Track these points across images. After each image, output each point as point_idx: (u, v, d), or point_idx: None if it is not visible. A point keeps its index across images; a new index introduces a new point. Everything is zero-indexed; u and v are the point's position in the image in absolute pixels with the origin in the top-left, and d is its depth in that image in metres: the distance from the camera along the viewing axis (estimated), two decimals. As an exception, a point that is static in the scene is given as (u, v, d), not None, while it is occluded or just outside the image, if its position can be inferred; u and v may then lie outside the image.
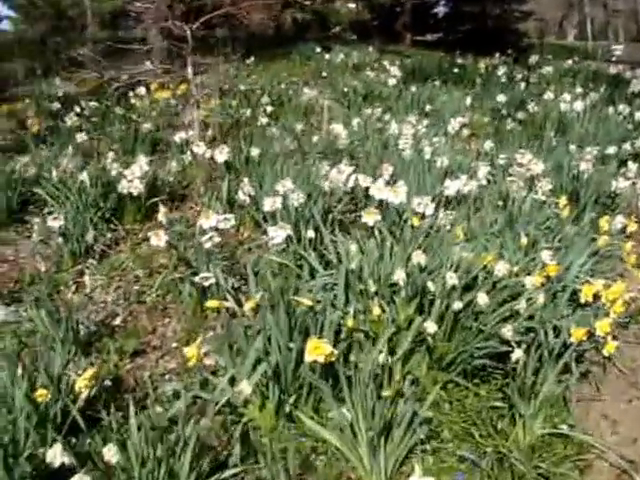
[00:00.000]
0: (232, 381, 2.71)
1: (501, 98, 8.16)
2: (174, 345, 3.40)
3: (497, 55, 12.78)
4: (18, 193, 4.98)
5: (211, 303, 2.80)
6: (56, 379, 2.61)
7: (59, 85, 8.93)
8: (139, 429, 2.30)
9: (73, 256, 4.18)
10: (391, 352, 2.82)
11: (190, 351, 2.52)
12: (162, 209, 3.69)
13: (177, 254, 3.71)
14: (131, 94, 7.76)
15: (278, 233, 3.48)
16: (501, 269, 2.98)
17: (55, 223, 3.99)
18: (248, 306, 2.66)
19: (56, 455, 2.01)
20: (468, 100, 8.12)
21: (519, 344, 2.80)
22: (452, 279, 2.83)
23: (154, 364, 3.26)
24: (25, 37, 13.26)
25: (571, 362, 2.91)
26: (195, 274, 3.42)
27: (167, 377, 3.13)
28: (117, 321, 3.62)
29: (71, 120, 6.73)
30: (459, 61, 11.46)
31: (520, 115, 7.61)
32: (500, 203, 4.52)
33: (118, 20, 13.58)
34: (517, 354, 2.74)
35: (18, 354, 3.13)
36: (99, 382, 2.85)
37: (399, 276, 2.91)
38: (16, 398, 2.42)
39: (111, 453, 2.05)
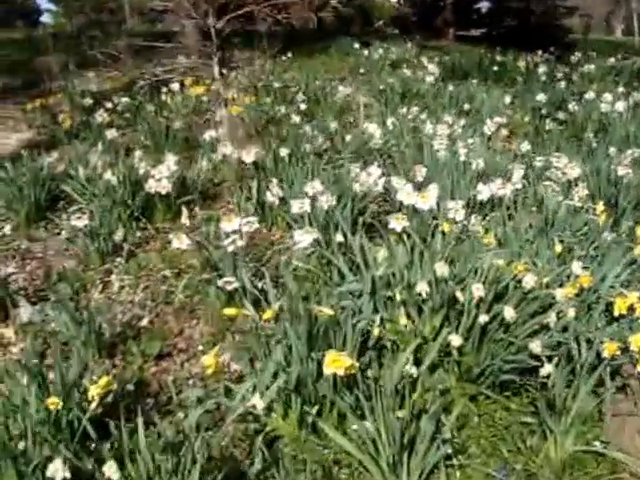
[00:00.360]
0: (253, 390, 2.66)
1: (541, 97, 7.98)
2: (200, 348, 3.36)
3: (539, 52, 12.54)
4: (47, 190, 4.97)
5: (229, 311, 2.75)
6: (70, 386, 2.57)
7: (93, 80, 8.97)
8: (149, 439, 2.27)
9: (101, 255, 4.17)
10: (417, 363, 2.74)
11: (208, 360, 2.48)
12: (185, 212, 3.65)
13: (203, 256, 3.67)
14: (164, 90, 7.75)
15: (304, 237, 3.42)
16: (530, 281, 2.88)
17: (80, 222, 3.98)
18: (266, 316, 2.61)
19: (57, 470, 1.98)
20: (507, 99, 7.96)
21: (550, 358, 2.69)
22: (479, 291, 2.74)
23: (179, 368, 3.22)
24: (62, 31, 13.40)
25: (606, 376, 2.79)
26: (221, 276, 3.38)
27: (191, 382, 3.09)
28: (143, 322, 3.59)
29: (102, 116, 6.75)
30: (499, 58, 11.26)
31: (560, 115, 7.44)
32: (535, 208, 4.39)
33: (156, 14, 13.63)
34: (547, 369, 2.64)
35: (40, 356, 3.14)
36: (121, 386, 2.83)
37: (422, 288, 2.83)
38: (29, 404, 2.40)
39: (112, 470, 2.00)
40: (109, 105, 7.32)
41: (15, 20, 19.58)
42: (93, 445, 2.41)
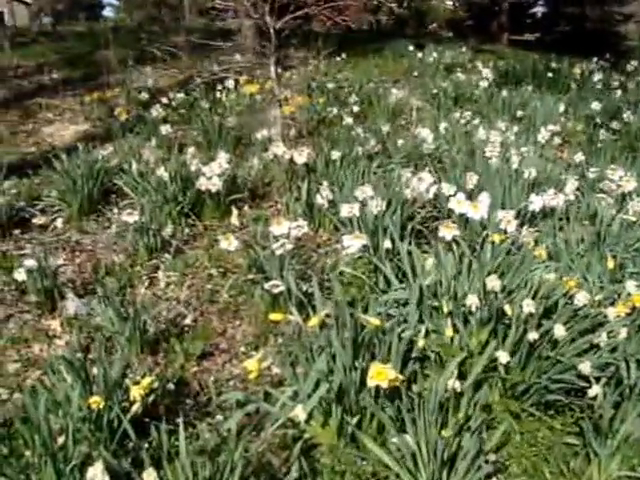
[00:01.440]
0: (295, 397, 2.64)
1: (596, 106, 7.81)
2: (242, 349, 3.36)
3: (594, 59, 12.27)
4: (100, 183, 5.03)
5: (275, 316, 2.74)
6: (113, 385, 2.58)
7: (150, 75, 9.07)
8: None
9: (149, 250, 4.20)
10: (461, 377, 2.69)
11: (251, 364, 2.47)
12: (235, 212, 3.65)
13: (250, 256, 3.67)
14: (219, 87, 7.80)
15: (353, 242, 3.38)
16: (583, 299, 2.80)
17: (131, 218, 4.02)
18: (312, 323, 2.58)
19: (97, 474, 1.98)
20: (561, 107, 7.80)
21: (598, 379, 2.62)
22: (529, 307, 2.67)
23: (220, 368, 3.22)
24: (123, 25, 13.61)
25: (657, 400, 2.70)
26: (268, 278, 3.37)
27: (232, 383, 3.08)
28: (187, 320, 3.60)
29: (157, 111, 6.81)
30: (554, 64, 11.04)
31: (615, 125, 7.26)
32: (587, 221, 4.29)
33: (214, 11, 13.72)
34: (595, 390, 2.56)
35: (84, 350, 3.18)
36: (161, 384, 2.84)
37: (471, 301, 2.77)
38: (72, 401, 2.42)
39: (151, 478, 1.99)
40: (164, 100, 7.39)
41: (78, 14, 19.97)
42: (131, 445, 2.42)
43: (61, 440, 2.19)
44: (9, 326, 3.54)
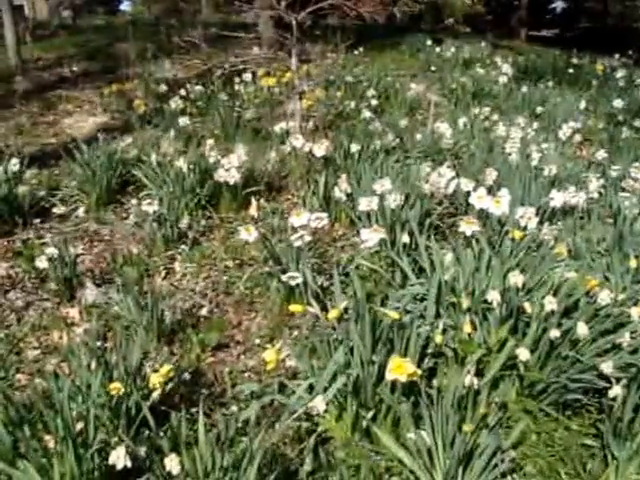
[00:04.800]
0: (310, 389, 2.63)
1: (618, 103, 7.72)
2: (257, 342, 3.36)
3: (616, 56, 12.14)
4: (118, 174, 5.05)
5: (294, 307, 2.73)
6: (133, 372, 2.59)
7: (168, 67, 9.09)
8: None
9: (166, 241, 4.21)
10: (478, 374, 2.67)
11: (269, 355, 2.46)
12: (254, 203, 3.65)
13: (267, 248, 3.66)
14: (237, 80, 7.79)
15: (371, 236, 3.35)
16: (606, 297, 2.77)
17: (149, 208, 4.03)
18: (331, 315, 2.57)
19: (119, 458, 1.99)
20: (582, 103, 7.73)
21: (618, 380, 2.59)
22: (551, 304, 2.65)
23: (235, 360, 3.22)
24: (141, 18, 13.63)
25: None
26: (284, 271, 3.36)
27: (247, 375, 3.08)
28: (203, 311, 3.61)
29: (176, 103, 6.82)
30: (575, 61, 10.94)
31: (637, 123, 7.18)
32: (610, 220, 4.24)
33: (231, 5, 13.73)
34: (615, 390, 2.53)
35: (102, 338, 3.20)
36: (178, 374, 2.85)
37: (493, 297, 2.75)
38: (92, 388, 2.43)
39: (173, 464, 1.99)
40: (183, 93, 7.39)
41: (97, 7, 20.01)
42: (148, 433, 2.42)
43: (79, 426, 2.19)
44: (29, 313, 3.58)
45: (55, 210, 4.58)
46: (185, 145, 5.50)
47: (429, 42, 11.82)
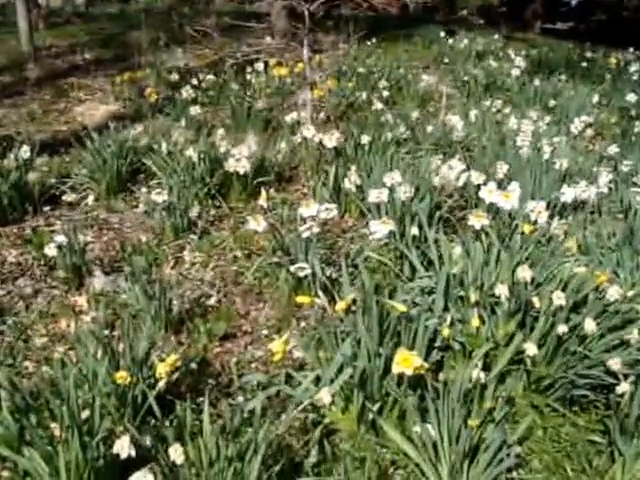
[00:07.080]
0: (317, 381, 2.63)
1: (631, 97, 7.65)
2: (265, 332, 3.36)
3: (631, 49, 12.03)
4: (129, 162, 5.04)
5: (302, 299, 2.73)
6: (140, 361, 2.60)
7: (180, 56, 9.08)
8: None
9: (175, 230, 4.21)
10: (485, 368, 2.67)
11: (277, 346, 2.46)
12: (264, 194, 3.64)
13: (276, 239, 3.66)
14: (249, 69, 7.77)
15: (380, 228, 3.35)
16: (615, 293, 2.75)
17: (159, 197, 4.03)
18: (339, 307, 2.57)
19: (123, 447, 2.00)
20: (595, 97, 7.67)
21: (626, 376, 2.57)
22: (560, 299, 2.63)
23: (242, 350, 3.22)
24: (154, 7, 13.61)
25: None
26: (293, 261, 3.36)
27: (253, 365, 3.09)
28: (211, 301, 3.61)
29: (187, 92, 6.81)
30: (588, 54, 10.85)
31: (651, 118, 7.13)
32: (620, 215, 4.22)
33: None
34: (623, 387, 2.52)
35: (110, 327, 3.20)
36: (185, 363, 2.85)
37: (501, 291, 2.74)
38: (99, 376, 2.43)
39: (177, 454, 2.00)
40: (194, 82, 7.37)
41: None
42: (154, 422, 2.43)
43: (84, 414, 2.20)
44: (38, 301, 3.59)
45: (65, 198, 4.58)
46: (196, 134, 5.48)
47: (442, 34, 11.74)
